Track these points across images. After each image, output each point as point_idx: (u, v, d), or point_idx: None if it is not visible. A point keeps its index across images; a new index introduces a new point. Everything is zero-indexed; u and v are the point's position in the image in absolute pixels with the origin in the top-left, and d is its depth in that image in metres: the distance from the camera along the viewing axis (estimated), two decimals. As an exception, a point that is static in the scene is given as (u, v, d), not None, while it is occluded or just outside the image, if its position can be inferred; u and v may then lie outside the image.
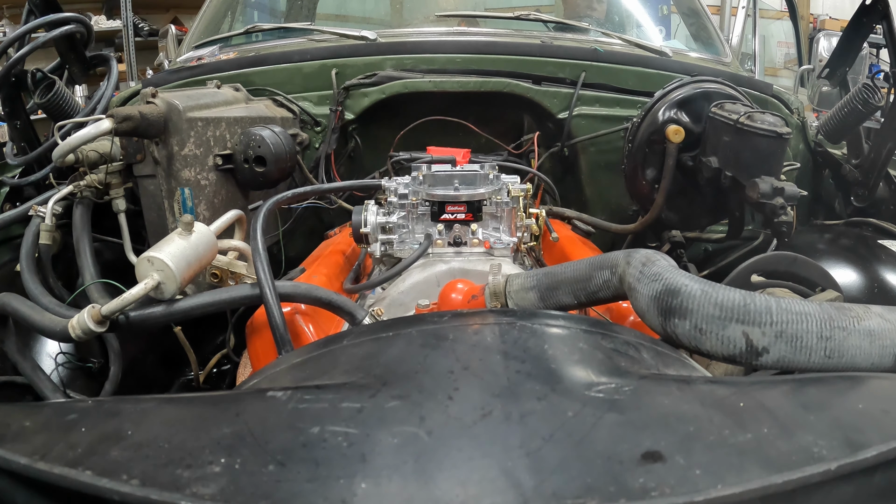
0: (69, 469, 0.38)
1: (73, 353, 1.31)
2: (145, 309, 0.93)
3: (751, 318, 0.63)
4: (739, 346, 0.63)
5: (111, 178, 1.36)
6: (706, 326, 0.65)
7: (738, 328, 0.64)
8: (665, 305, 0.68)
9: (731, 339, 0.64)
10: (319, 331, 1.04)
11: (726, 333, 0.64)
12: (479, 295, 0.93)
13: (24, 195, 1.70)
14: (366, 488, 0.39)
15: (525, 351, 0.59)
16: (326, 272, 1.28)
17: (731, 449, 0.42)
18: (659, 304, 0.68)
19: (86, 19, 1.71)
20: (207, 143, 1.33)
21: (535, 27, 1.97)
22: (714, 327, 0.64)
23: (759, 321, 0.63)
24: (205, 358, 1.46)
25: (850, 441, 0.43)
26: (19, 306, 1.02)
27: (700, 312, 0.65)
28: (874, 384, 0.56)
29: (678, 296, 0.67)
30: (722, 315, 0.64)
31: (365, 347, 0.64)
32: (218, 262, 1.06)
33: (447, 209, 1.20)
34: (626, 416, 0.47)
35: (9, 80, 1.60)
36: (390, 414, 0.48)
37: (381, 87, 1.69)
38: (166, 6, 5.64)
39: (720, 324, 0.64)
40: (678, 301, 0.67)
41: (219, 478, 0.40)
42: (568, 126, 1.70)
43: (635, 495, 0.37)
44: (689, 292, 0.66)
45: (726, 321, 0.64)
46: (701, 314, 0.65)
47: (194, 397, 0.62)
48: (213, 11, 2.20)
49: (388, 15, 2.49)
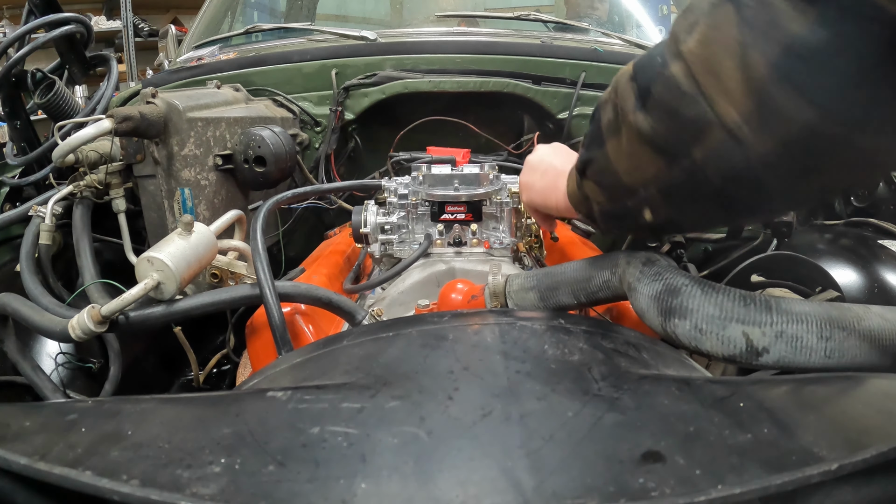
0: (69, 469, 0.38)
1: (73, 354, 1.31)
2: (145, 309, 0.93)
3: (751, 319, 0.63)
4: (739, 346, 0.64)
5: (111, 178, 1.36)
6: (706, 326, 0.65)
7: (738, 328, 0.64)
8: (665, 305, 0.68)
9: (731, 340, 0.64)
10: (319, 331, 1.04)
11: (726, 333, 0.64)
12: (479, 295, 0.93)
13: (24, 195, 1.70)
14: (366, 488, 0.39)
15: (525, 351, 0.59)
16: (326, 272, 1.28)
17: (731, 449, 0.42)
18: (659, 304, 0.68)
19: (86, 19, 1.71)
20: (207, 143, 1.33)
21: (535, 27, 1.97)
22: (714, 327, 0.64)
23: (759, 321, 0.63)
24: (205, 358, 1.46)
25: (851, 441, 0.43)
26: (19, 306, 1.02)
27: (700, 312, 0.65)
28: (874, 384, 0.56)
29: (678, 295, 0.67)
30: (722, 315, 0.64)
31: (365, 348, 0.64)
32: (218, 262, 1.06)
33: (447, 209, 1.21)
34: (626, 416, 0.47)
35: (9, 81, 1.60)
36: (390, 414, 0.48)
37: (381, 88, 1.69)
38: (166, 6, 5.65)
39: (720, 324, 0.64)
40: (678, 301, 0.67)
41: (219, 478, 0.40)
42: (568, 126, 1.70)
43: (635, 495, 0.37)
44: (690, 292, 0.66)
45: (726, 321, 0.64)
46: (701, 314, 0.65)
47: (194, 397, 0.62)
48: (213, 12, 2.20)
49: (388, 15, 2.49)
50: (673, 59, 0.60)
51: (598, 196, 0.76)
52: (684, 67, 0.58)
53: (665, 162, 0.63)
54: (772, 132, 0.55)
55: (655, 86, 0.61)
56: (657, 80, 0.61)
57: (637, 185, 0.68)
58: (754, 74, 0.53)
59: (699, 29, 0.58)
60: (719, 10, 0.56)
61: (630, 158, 0.67)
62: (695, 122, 0.58)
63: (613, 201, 0.74)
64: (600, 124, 0.72)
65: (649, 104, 0.62)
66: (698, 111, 0.57)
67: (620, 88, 0.67)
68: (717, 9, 0.56)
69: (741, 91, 0.54)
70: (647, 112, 0.62)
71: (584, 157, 0.77)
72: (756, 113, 0.54)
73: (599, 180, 0.75)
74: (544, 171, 0.96)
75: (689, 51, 0.58)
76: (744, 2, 0.54)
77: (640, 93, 0.64)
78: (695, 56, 0.57)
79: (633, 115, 0.64)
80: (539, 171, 0.97)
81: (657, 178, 0.65)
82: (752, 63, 0.53)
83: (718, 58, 0.55)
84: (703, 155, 0.59)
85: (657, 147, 0.63)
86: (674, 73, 0.59)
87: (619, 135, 0.67)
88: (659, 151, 0.63)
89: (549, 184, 0.93)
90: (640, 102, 0.63)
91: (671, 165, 0.63)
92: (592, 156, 0.74)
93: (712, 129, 0.57)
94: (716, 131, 0.57)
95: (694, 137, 0.59)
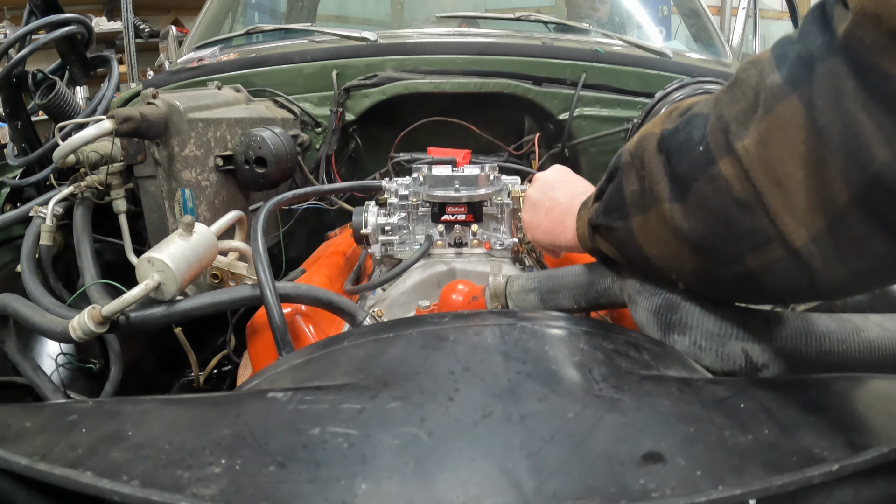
0: (70, 470, 0.38)
1: (74, 354, 1.31)
2: (146, 310, 0.93)
3: (750, 335, 0.63)
4: (739, 362, 0.63)
5: (112, 178, 1.36)
6: (705, 343, 0.64)
7: (737, 345, 0.63)
8: (664, 321, 0.67)
9: (730, 356, 0.63)
10: (320, 332, 1.04)
11: (726, 350, 0.64)
12: (480, 296, 0.93)
13: (25, 196, 1.70)
14: (366, 489, 0.39)
15: (526, 352, 0.59)
16: (327, 273, 1.28)
17: (732, 450, 0.42)
18: (658, 319, 0.68)
19: (86, 20, 1.71)
20: (208, 143, 1.33)
21: (535, 28, 1.97)
22: (713, 344, 0.64)
23: (759, 338, 0.63)
24: (205, 359, 1.46)
25: (852, 442, 0.43)
26: (20, 307, 1.02)
27: (699, 329, 0.65)
28: (875, 385, 0.56)
29: (678, 311, 0.67)
30: (721, 332, 0.64)
31: (365, 348, 0.64)
32: (218, 262, 1.06)
33: (448, 210, 1.21)
34: (626, 416, 0.47)
35: (10, 81, 1.60)
36: (391, 415, 0.48)
37: (381, 88, 1.69)
38: (167, 7, 5.65)
39: (719, 340, 0.64)
40: (678, 317, 0.66)
41: (219, 479, 0.40)
42: (568, 127, 1.70)
43: (636, 496, 0.37)
44: (689, 308, 0.66)
45: (725, 338, 0.64)
46: (700, 331, 0.65)
47: (195, 398, 0.62)
48: (214, 12, 2.20)
49: (389, 16, 2.49)
50: (722, 156, 0.51)
51: (615, 256, 0.71)
52: (738, 169, 0.50)
53: (707, 263, 0.57)
54: (845, 262, 0.48)
55: (698, 183, 0.53)
56: (700, 177, 0.53)
57: (668, 269, 0.63)
58: (831, 197, 0.45)
59: (757, 124, 0.49)
60: (783, 105, 0.47)
61: (660, 245, 0.61)
62: (751, 234, 0.51)
63: (634, 267, 0.69)
64: (623, 191, 0.64)
65: (690, 202, 0.55)
66: (756, 223, 0.50)
67: (648, 159, 0.60)
68: (779, 101, 0.47)
69: (812, 210, 0.47)
70: (687, 211, 0.55)
71: (602, 222, 0.70)
72: (829, 239, 0.47)
73: (619, 248, 0.69)
74: (549, 210, 0.90)
75: (744, 150, 0.49)
76: (816, 102, 0.45)
77: (674, 179, 0.56)
78: (752, 158, 0.49)
79: (669, 207, 0.56)
80: (543, 210, 0.91)
81: (696, 273, 0.60)
82: (828, 182, 0.45)
83: (784, 165, 0.47)
84: (758, 266, 0.52)
85: (698, 247, 0.57)
86: (724, 174, 0.51)
87: (647, 215, 0.60)
88: (700, 251, 0.57)
89: (556, 223, 0.87)
90: (677, 194, 0.56)
91: (715, 267, 0.57)
92: (612, 224, 0.68)
93: (773, 245, 0.50)
94: (776, 249, 0.50)
95: (749, 249, 0.52)
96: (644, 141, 0.61)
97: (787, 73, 0.48)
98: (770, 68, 0.49)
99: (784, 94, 0.47)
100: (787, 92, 0.47)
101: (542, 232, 0.91)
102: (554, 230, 0.88)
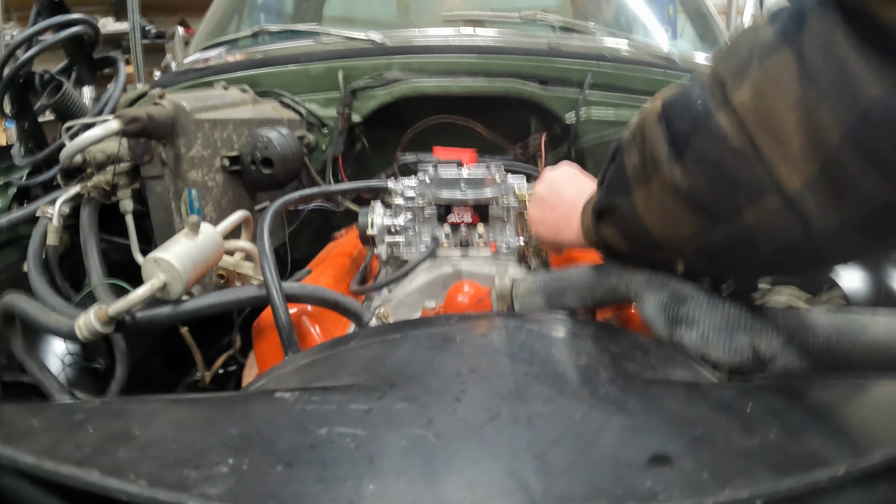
0: (76, 468, 0.38)
1: (80, 354, 1.32)
2: (152, 309, 0.93)
3: (757, 329, 0.63)
4: (746, 355, 0.63)
5: (118, 178, 1.36)
6: (713, 336, 0.64)
7: (744, 338, 0.63)
8: (672, 314, 0.67)
9: (737, 349, 0.63)
10: (326, 332, 1.04)
11: (733, 343, 0.64)
12: (486, 297, 0.93)
13: (32, 196, 1.71)
14: (374, 490, 0.39)
15: (532, 354, 0.59)
16: (333, 273, 1.28)
17: (738, 452, 0.42)
18: (666, 313, 0.68)
19: (93, 21, 1.72)
20: (215, 144, 1.34)
21: (542, 29, 1.97)
22: (721, 337, 0.64)
23: (766, 331, 0.63)
24: (211, 359, 1.47)
25: (858, 445, 0.43)
26: (26, 306, 1.03)
27: (707, 322, 0.65)
28: (882, 389, 0.56)
29: (685, 304, 0.67)
30: (728, 325, 0.64)
31: (372, 349, 0.65)
32: (224, 262, 1.06)
33: (454, 211, 1.21)
34: (633, 419, 0.47)
35: (17, 82, 1.61)
36: (398, 416, 0.48)
37: (388, 89, 1.69)
38: (173, 8, 5.65)
39: (727, 334, 0.64)
40: (685, 310, 0.66)
41: (226, 478, 0.40)
42: (575, 128, 1.69)
43: (643, 498, 0.37)
44: (696, 301, 0.66)
45: (733, 331, 0.64)
46: (708, 324, 0.65)
47: (201, 398, 0.63)
48: (220, 13, 2.21)
49: (395, 17, 2.49)
50: (719, 108, 0.53)
51: (618, 243, 0.72)
52: (734, 120, 0.51)
53: (706, 223, 0.58)
54: (839, 207, 0.48)
55: (696, 137, 0.55)
56: (698, 130, 0.54)
57: (669, 242, 0.64)
58: (823, 140, 0.47)
59: (752, 77, 0.50)
60: (775, 57, 0.49)
61: (662, 214, 0.61)
62: (747, 185, 0.52)
63: (637, 251, 0.70)
64: (624, 168, 0.65)
65: (688, 157, 0.56)
66: (752, 173, 0.51)
67: (648, 130, 0.61)
68: (772, 54, 0.49)
69: (805, 156, 0.48)
70: (685, 166, 0.56)
71: (605, 203, 0.71)
72: (822, 183, 0.48)
73: (623, 229, 0.70)
74: (554, 206, 0.90)
75: (740, 102, 0.51)
76: (806, 52, 0.47)
77: (673, 140, 0.57)
78: (747, 109, 0.50)
79: (668, 168, 0.57)
80: (549, 205, 0.91)
81: (695, 238, 0.60)
82: (820, 126, 0.46)
83: (778, 114, 0.48)
84: (754, 221, 0.53)
85: (697, 206, 0.57)
86: (721, 124, 0.52)
87: (649, 185, 0.61)
88: (698, 211, 0.58)
89: (561, 219, 0.88)
90: (676, 153, 0.57)
91: (713, 227, 0.57)
92: (615, 203, 0.68)
93: (767, 194, 0.51)
94: (772, 198, 0.51)
95: (745, 202, 0.53)
96: (644, 118, 0.63)
97: (779, 28, 0.50)
98: (763, 26, 0.52)
99: (776, 47, 0.49)
100: (780, 45, 0.49)
101: (547, 227, 0.92)
102: (558, 226, 0.89)
